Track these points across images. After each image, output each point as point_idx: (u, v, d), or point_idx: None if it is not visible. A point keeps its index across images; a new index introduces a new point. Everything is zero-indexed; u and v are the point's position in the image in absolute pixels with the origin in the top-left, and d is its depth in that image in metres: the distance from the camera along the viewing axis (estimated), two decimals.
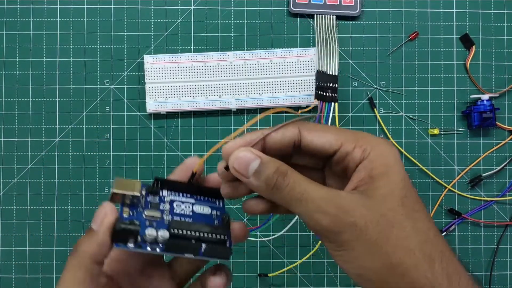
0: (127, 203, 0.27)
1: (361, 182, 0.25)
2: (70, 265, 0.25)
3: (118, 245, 0.25)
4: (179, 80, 0.50)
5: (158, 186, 0.29)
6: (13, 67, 0.51)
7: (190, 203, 0.29)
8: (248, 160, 0.26)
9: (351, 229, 0.24)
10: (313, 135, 0.26)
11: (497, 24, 0.52)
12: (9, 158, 0.50)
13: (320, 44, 0.50)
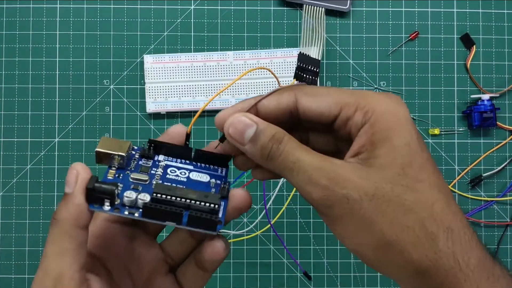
0: (115, 165, 0.25)
1: (362, 149, 0.23)
2: (53, 236, 0.23)
3: (93, 206, 0.23)
4: (179, 80, 0.50)
5: (151, 149, 0.27)
6: (12, 66, 0.50)
7: (187, 170, 0.27)
8: (244, 126, 0.24)
9: (343, 203, 0.22)
10: (310, 102, 0.24)
11: (498, 24, 0.52)
12: (8, 158, 0.50)
13: (306, 30, 0.49)
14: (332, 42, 0.51)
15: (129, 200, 0.24)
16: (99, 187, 0.23)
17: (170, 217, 0.24)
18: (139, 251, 0.27)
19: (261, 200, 0.51)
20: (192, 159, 0.27)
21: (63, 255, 0.23)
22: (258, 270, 0.51)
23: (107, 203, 0.23)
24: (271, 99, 0.25)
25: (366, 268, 0.51)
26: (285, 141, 0.24)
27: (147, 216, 0.24)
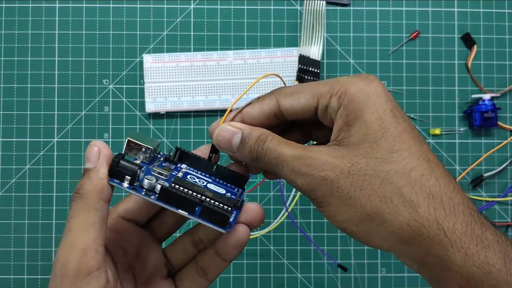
0: (140, 159, 0.26)
1: (340, 131, 0.24)
2: (77, 210, 0.23)
3: (113, 180, 0.24)
4: (179, 79, 0.50)
5: (176, 156, 0.28)
6: (11, 66, 0.50)
7: (205, 181, 0.27)
8: (231, 134, 0.25)
9: (322, 185, 0.23)
10: (289, 101, 0.25)
11: (499, 24, 0.52)
12: (7, 158, 0.50)
13: (306, 28, 0.49)
14: (332, 42, 0.51)
15: (149, 183, 0.24)
16: (124, 164, 0.24)
17: (184, 205, 0.24)
18: (145, 252, 0.28)
19: (261, 200, 0.51)
20: (212, 174, 0.28)
21: (88, 228, 0.23)
22: (258, 270, 0.50)
23: (127, 181, 0.24)
24: (254, 106, 0.26)
25: (366, 269, 0.51)
26: (268, 140, 0.25)
27: (162, 199, 0.24)
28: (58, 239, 0.50)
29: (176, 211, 0.24)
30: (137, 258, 0.28)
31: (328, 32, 0.51)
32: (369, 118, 0.23)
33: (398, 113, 0.24)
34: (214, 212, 0.24)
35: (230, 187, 0.28)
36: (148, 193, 0.24)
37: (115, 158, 0.24)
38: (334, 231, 0.51)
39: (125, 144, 0.26)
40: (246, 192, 0.50)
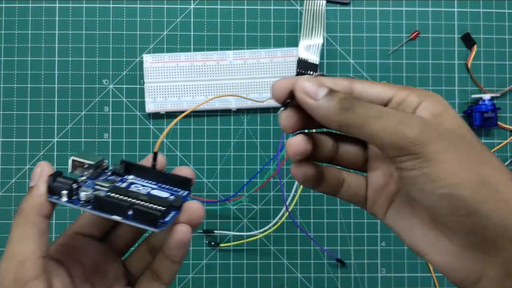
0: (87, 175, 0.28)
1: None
2: (16, 225, 0.25)
3: (52, 197, 0.26)
4: (179, 79, 0.50)
5: (122, 168, 0.29)
6: (11, 66, 0.50)
7: (150, 187, 0.29)
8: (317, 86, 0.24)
9: (441, 138, 0.22)
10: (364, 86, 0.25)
11: (499, 24, 0.52)
12: (7, 158, 0.50)
13: (305, 29, 0.49)
14: (332, 42, 0.51)
15: (85, 195, 0.26)
16: (60, 180, 0.26)
17: (117, 211, 0.25)
18: (103, 264, 0.30)
19: (261, 200, 0.51)
20: (158, 181, 0.29)
21: (26, 240, 0.25)
22: (258, 270, 0.50)
23: (64, 196, 0.26)
24: (327, 79, 0.25)
25: (366, 268, 0.51)
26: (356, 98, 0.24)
27: (97, 208, 0.26)
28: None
29: (110, 217, 0.26)
30: (96, 270, 0.29)
31: (328, 32, 0.51)
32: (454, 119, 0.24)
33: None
34: (144, 213, 0.25)
35: (175, 191, 0.29)
36: (85, 204, 0.26)
37: (50, 176, 0.26)
38: (334, 231, 0.51)
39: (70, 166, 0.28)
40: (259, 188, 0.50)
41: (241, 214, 0.51)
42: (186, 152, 0.51)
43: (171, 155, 0.50)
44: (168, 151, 0.50)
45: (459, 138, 0.23)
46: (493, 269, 0.22)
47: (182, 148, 0.51)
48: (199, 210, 0.27)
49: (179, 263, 0.28)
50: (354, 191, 0.28)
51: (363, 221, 0.51)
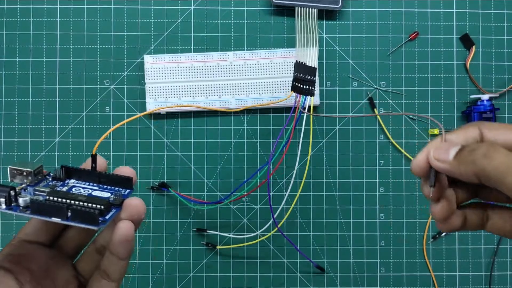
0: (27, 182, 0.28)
1: None
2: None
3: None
4: (179, 80, 0.50)
5: (62, 173, 0.29)
6: (13, 67, 0.51)
7: (91, 189, 0.29)
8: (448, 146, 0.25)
9: None
10: (498, 133, 0.25)
11: (497, 24, 0.52)
12: (9, 158, 0.50)
13: (300, 36, 0.49)
14: (332, 43, 0.52)
15: (23, 200, 0.26)
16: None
17: (55, 213, 0.26)
18: (53, 269, 0.30)
19: (261, 200, 0.51)
20: (100, 182, 0.30)
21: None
22: (258, 270, 0.51)
23: (3, 203, 0.26)
24: (458, 133, 0.26)
25: (366, 268, 0.51)
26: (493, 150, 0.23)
27: (35, 212, 0.26)
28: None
29: (50, 220, 0.26)
30: (46, 276, 0.29)
31: (327, 33, 0.52)
32: None
33: None
34: (82, 213, 0.26)
35: (118, 190, 0.29)
36: (23, 210, 0.26)
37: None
38: (334, 230, 0.51)
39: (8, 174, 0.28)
40: (247, 194, 0.50)
41: (241, 214, 0.51)
42: (187, 152, 0.51)
43: (171, 155, 0.51)
44: (168, 151, 0.51)
45: None
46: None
47: (183, 148, 0.51)
48: (139, 206, 0.28)
49: (126, 259, 0.29)
50: (501, 225, 0.28)
51: (362, 220, 0.51)
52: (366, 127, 0.51)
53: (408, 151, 0.51)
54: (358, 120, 0.51)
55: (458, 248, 0.51)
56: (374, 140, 0.51)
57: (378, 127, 0.51)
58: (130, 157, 0.50)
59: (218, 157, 0.51)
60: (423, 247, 0.51)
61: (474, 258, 0.51)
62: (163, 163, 0.51)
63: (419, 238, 0.51)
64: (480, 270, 0.51)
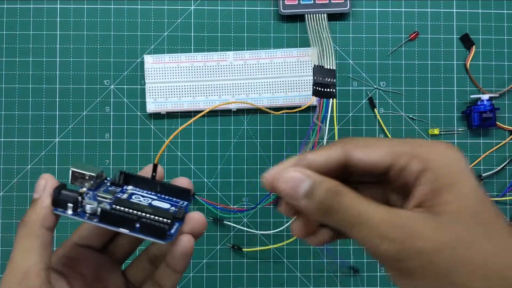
0: (87, 186, 0.28)
1: (425, 197, 0.22)
2: (20, 237, 0.25)
3: (57, 209, 0.26)
4: (179, 80, 0.50)
5: (121, 179, 0.29)
6: (13, 67, 0.51)
7: (150, 198, 0.29)
8: (298, 181, 0.23)
9: (418, 257, 0.21)
10: (361, 154, 0.23)
11: (497, 24, 0.52)
12: (9, 158, 0.50)
13: (314, 43, 0.49)
14: (332, 43, 0.52)
15: (90, 207, 0.26)
16: (65, 193, 0.26)
17: (124, 224, 0.26)
18: (104, 275, 0.30)
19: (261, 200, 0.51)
20: (158, 191, 0.29)
21: (29, 253, 0.25)
22: (258, 270, 0.51)
23: (70, 208, 0.26)
24: (320, 153, 0.24)
25: (365, 268, 0.51)
26: (344, 194, 0.22)
27: (104, 221, 0.26)
28: (59, 238, 0.50)
29: (117, 230, 0.26)
30: (96, 281, 0.29)
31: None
32: (465, 189, 0.21)
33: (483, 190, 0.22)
34: (152, 226, 0.25)
35: (175, 201, 0.29)
36: (91, 217, 0.26)
37: (56, 188, 0.26)
38: None
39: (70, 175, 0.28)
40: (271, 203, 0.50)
41: (242, 214, 0.51)
42: (187, 152, 0.51)
43: (171, 155, 0.51)
44: (168, 151, 0.51)
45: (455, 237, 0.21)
46: None
47: (183, 148, 0.51)
48: (201, 221, 0.28)
49: (181, 272, 0.28)
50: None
51: None
52: (366, 127, 0.51)
53: None
54: (358, 120, 0.51)
55: None
56: None
57: (378, 127, 0.51)
58: (130, 157, 0.50)
59: (218, 157, 0.51)
60: None
61: None
62: (163, 163, 0.51)
63: None
64: None
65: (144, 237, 0.26)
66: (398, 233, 0.21)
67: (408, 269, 0.21)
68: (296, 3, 0.50)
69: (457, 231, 0.21)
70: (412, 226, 0.21)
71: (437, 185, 0.22)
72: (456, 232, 0.21)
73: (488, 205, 0.22)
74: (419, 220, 0.21)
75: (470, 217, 0.21)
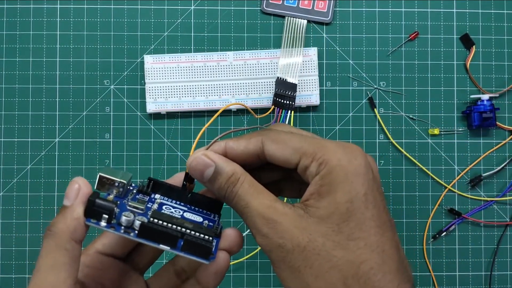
0: (114, 193, 0.26)
1: (310, 197, 0.24)
2: (47, 248, 0.23)
3: (90, 220, 0.23)
4: (179, 80, 0.50)
5: (149, 187, 0.27)
6: (13, 67, 0.51)
7: (181, 210, 0.27)
8: (203, 166, 0.25)
9: (278, 251, 0.23)
10: (274, 149, 0.25)
11: (497, 24, 0.52)
12: (9, 158, 0.50)
13: (286, 46, 0.49)
14: (332, 42, 0.52)
15: (127, 220, 0.24)
16: (100, 202, 0.23)
17: (165, 240, 0.24)
18: (126, 285, 0.28)
19: None
20: (187, 202, 0.28)
21: (57, 268, 0.22)
22: (258, 270, 0.51)
23: (104, 220, 0.23)
24: (239, 142, 0.26)
25: None
26: (240, 183, 0.25)
27: (143, 236, 0.24)
28: None
29: (157, 246, 0.24)
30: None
31: (327, 33, 0.52)
32: (340, 198, 0.23)
33: (370, 197, 0.23)
34: (196, 245, 0.24)
35: (207, 214, 0.28)
36: (127, 230, 0.24)
37: (90, 198, 0.23)
38: None
39: (97, 182, 0.26)
40: None
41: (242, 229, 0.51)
42: (187, 152, 0.51)
43: (171, 155, 0.51)
44: (168, 151, 0.51)
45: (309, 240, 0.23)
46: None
47: (183, 148, 0.51)
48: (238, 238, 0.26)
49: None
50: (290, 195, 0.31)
51: None
52: (366, 127, 0.51)
53: (408, 151, 0.51)
54: (358, 120, 0.51)
55: (458, 248, 0.51)
56: (374, 140, 0.51)
57: (378, 127, 0.51)
58: (130, 157, 0.50)
59: None
60: (423, 247, 0.51)
61: (474, 258, 0.51)
62: (163, 163, 0.51)
63: (419, 238, 0.51)
64: (480, 270, 0.51)
65: (186, 256, 0.24)
66: (268, 228, 0.24)
67: (273, 260, 0.24)
68: (280, 3, 0.50)
69: (314, 235, 0.23)
70: (281, 223, 0.24)
71: (320, 190, 0.24)
72: (313, 237, 0.23)
73: (359, 216, 0.23)
74: (292, 217, 0.24)
75: (332, 225, 0.23)
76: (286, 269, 0.23)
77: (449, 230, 0.51)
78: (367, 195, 0.23)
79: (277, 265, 0.24)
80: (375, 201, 0.23)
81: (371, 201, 0.23)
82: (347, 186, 0.23)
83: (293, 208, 0.24)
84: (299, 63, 0.49)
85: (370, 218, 0.23)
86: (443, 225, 0.51)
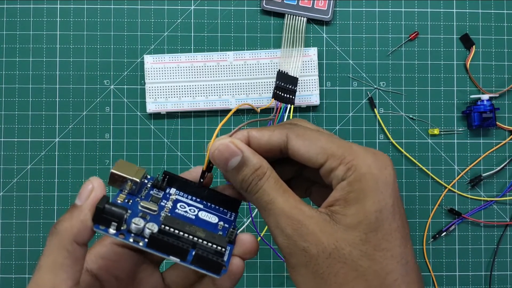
0: (126, 189, 0.25)
1: (336, 202, 0.23)
2: (50, 248, 0.22)
3: (98, 227, 0.22)
4: (179, 80, 0.50)
5: (165, 181, 0.26)
6: (13, 67, 0.51)
7: (197, 208, 0.26)
8: (230, 153, 0.24)
9: (301, 255, 0.23)
10: (299, 145, 0.24)
11: (497, 24, 0.52)
12: (9, 158, 0.50)
13: (286, 44, 0.49)
14: (332, 42, 0.52)
15: (136, 227, 0.23)
16: (110, 209, 0.22)
17: (175, 252, 0.23)
18: (141, 277, 0.28)
19: None
20: (203, 198, 0.27)
21: (58, 269, 0.22)
22: (258, 270, 0.51)
23: (113, 227, 0.23)
24: (263, 133, 0.25)
25: None
26: (266, 177, 0.24)
27: (152, 246, 0.23)
28: None
29: (167, 258, 0.23)
30: (132, 284, 0.27)
31: (327, 33, 0.52)
32: (370, 207, 0.22)
33: (397, 208, 0.23)
34: (207, 260, 0.23)
35: (223, 212, 0.27)
36: (137, 239, 0.23)
37: (99, 205, 0.22)
38: None
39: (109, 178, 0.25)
40: None
41: (241, 214, 0.51)
42: (187, 152, 0.51)
43: (171, 155, 0.51)
44: (168, 151, 0.51)
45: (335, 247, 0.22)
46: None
47: (183, 148, 0.51)
48: (253, 244, 0.26)
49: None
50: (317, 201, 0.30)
51: None
52: (366, 127, 0.51)
53: (408, 151, 0.51)
54: (358, 120, 0.51)
55: (458, 248, 0.51)
56: (374, 140, 0.51)
57: (378, 127, 0.52)
58: (130, 157, 0.50)
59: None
60: (423, 247, 0.51)
61: (474, 258, 0.51)
62: (163, 163, 0.51)
63: (419, 238, 0.51)
64: (480, 270, 0.51)
65: (196, 269, 0.23)
66: (292, 230, 0.23)
67: (294, 264, 0.23)
68: (280, 1, 0.50)
69: (341, 243, 0.22)
70: (307, 226, 0.23)
71: (347, 196, 0.23)
72: (340, 244, 0.22)
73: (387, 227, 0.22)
74: (318, 221, 0.23)
75: (360, 234, 0.22)
76: (307, 275, 0.23)
77: (449, 230, 0.51)
78: (395, 206, 0.23)
79: (296, 269, 0.23)
80: (400, 212, 0.23)
81: (398, 212, 0.23)
82: (377, 196, 0.23)
83: (318, 213, 0.23)
84: (299, 59, 0.49)
85: (396, 229, 0.23)
86: (443, 225, 0.51)
